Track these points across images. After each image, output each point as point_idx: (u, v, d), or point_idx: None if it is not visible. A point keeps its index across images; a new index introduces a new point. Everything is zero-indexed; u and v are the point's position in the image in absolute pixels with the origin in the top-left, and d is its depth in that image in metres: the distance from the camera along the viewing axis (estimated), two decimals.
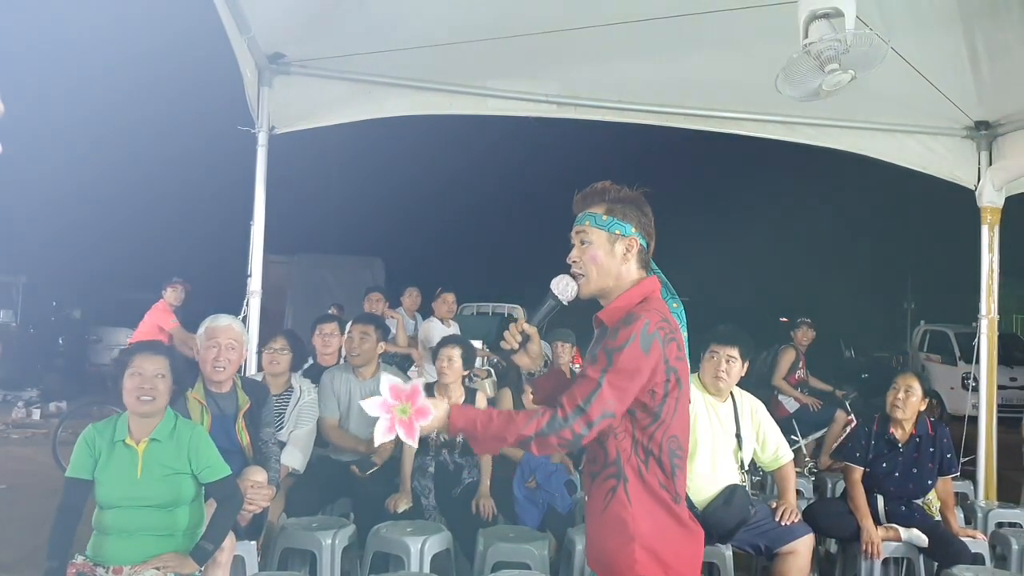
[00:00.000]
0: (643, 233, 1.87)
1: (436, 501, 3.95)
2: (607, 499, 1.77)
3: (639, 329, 1.70)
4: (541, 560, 3.35)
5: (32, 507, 5.48)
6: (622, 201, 1.87)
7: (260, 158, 4.48)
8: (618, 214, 1.86)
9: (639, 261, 1.87)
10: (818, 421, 6.50)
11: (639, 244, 1.86)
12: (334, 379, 4.22)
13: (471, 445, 1.74)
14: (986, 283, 5.15)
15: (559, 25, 3.93)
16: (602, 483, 1.78)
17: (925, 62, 4.16)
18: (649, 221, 1.89)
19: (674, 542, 1.75)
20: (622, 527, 1.74)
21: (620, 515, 1.74)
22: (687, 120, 5.13)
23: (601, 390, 1.67)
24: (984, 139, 5.13)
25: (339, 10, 3.90)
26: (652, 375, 1.71)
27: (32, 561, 4.20)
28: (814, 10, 2.98)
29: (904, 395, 3.87)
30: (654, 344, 1.71)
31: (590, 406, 1.67)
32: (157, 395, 2.71)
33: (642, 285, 1.84)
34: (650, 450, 1.75)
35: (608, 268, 1.85)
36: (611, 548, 1.76)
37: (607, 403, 1.68)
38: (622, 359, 1.69)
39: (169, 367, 2.75)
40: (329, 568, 3.37)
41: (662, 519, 1.75)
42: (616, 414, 1.70)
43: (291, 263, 13.08)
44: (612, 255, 1.84)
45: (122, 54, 19.07)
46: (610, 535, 1.76)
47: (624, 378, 1.68)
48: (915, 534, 3.78)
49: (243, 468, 3.24)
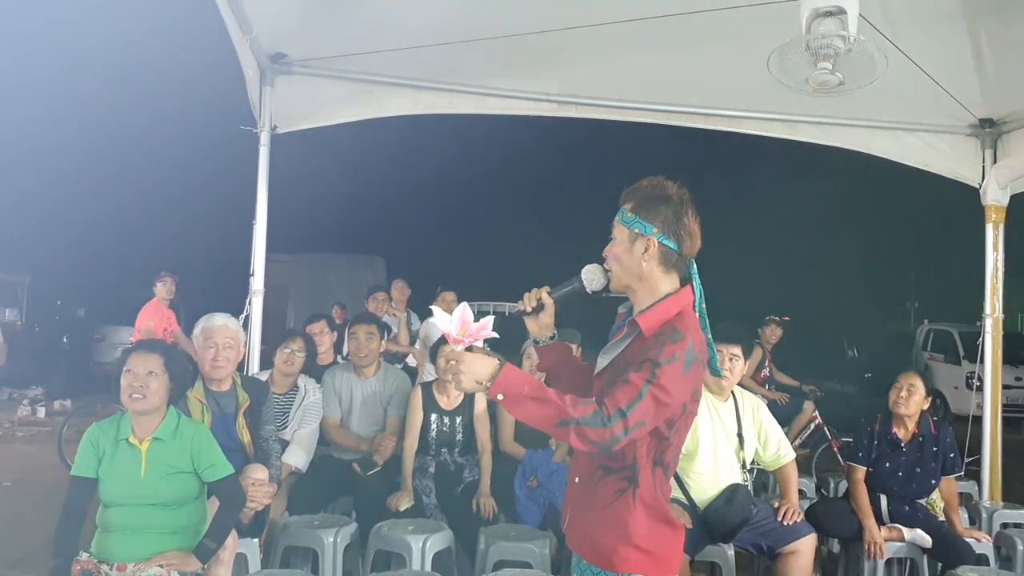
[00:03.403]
0: (668, 234, 1.80)
1: (437, 500, 3.95)
2: (614, 497, 1.79)
3: (684, 349, 1.69)
4: (542, 559, 3.35)
5: (37, 504, 5.49)
6: (650, 199, 1.82)
7: (262, 158, 4.48)
8: (642, 212, 1.81)
9: (663, 263, 1.81)
10: (787, 415, 6.78)
11: (658, 245, 1.80)
12: (335, 378, 4.22)
13: (506, 406, 1.69)
14: (990, 282, 5.13)
15: (559, 24, 3.92)
16: (613, 481, 1.80)
17: (929, 59, 4.14)
18: (680, 222, 1.80)
19: (663, 539, 1.81)
20: (622, 527, 1.77)
21: (623, 516, 1.77)
22: (688, 119, 5.12)
23: (643, 399, 1.66)
24: (988, 137, 5.10)
25: (341, 10, 3.91)
26: (682, 396, 1.73)
27: (37, 558, 4.21)
28: (816, 8, 2.97)
29: (907, 393, 3.86)
30: (694, 367, 1.71)
31: (631, 411, 1.65)
32: (148, 393, 2.69)
33: (679, 297, 1.80)
34: (661, 460, 1.78)
35: (628, 266, 1.82)
36: (607, 543, 1.80)
37: (646, 412, 1.66)
38: (666, 375, 1.67)
39: (163, 365, 2.73)
40: (331, 566, 3.37)
41: (658, 520, 1.80)
42: (649, 425, 1.69)
43: (293, 262, 13.10)
44: (631, 253, 1.82)
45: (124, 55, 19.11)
46: (608, 531, 1.79)
47: (664, 393, 1.67)
48: (918, 534, 3.76)
49: (244, 466, 3.25)
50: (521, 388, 1.66)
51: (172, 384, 2.76)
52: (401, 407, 4.15)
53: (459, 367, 1.68)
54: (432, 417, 4.07)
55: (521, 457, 4.17)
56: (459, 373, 1.68)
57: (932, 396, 3.99)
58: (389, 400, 4.20)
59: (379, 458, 3.99)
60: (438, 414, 4.09)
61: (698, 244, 1.84)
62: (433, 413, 4.08)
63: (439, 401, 4.11)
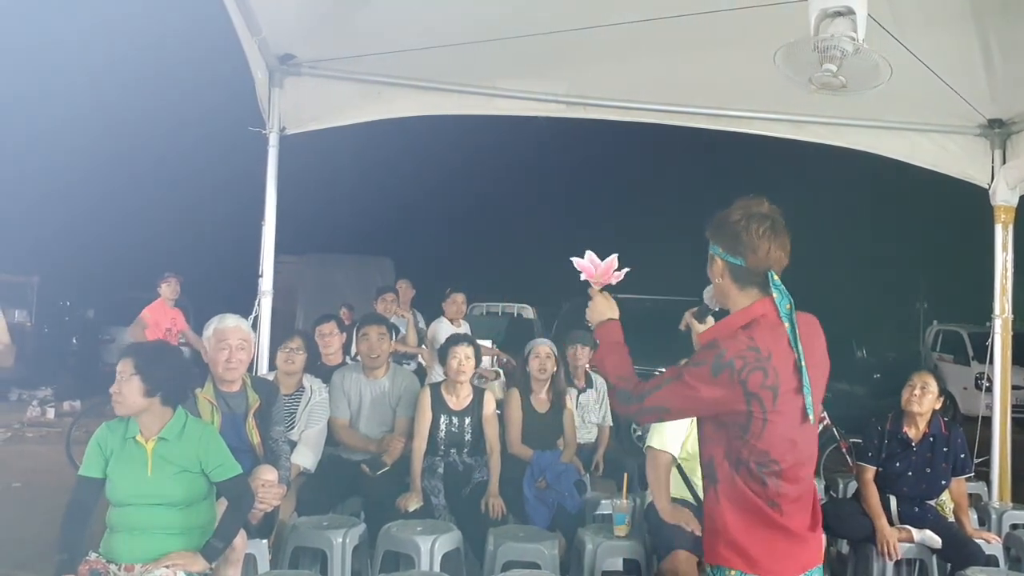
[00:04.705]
0: (730, 252, 1.95)
1: (446, 500, 3.96)
2: (706, 495, 1.99)
3: (713, 356, 1.87)
4: (551, 560, 3.36)
5: (46, 505, 5.51)
6: (718, 223, 2.00)
7: (271, 159, 4.50)
8: (713, 237, 2.01)
9: (735, 279, 1.97)
10: None
11: (724, 263, 1.97)
12: (344, 379, 4.23)
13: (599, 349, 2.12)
14: (1000, 282, 5.11)
15: (568, 25, 3.93)
16: (704, 481, 2.01)
17: (938, 59, 4.12)
18: (739, 238, 1.94)
19: (763, 540, 1.90)
20: (711, 520, 1.96)
21: (711, 511, 1.96)
22: (697, 119, 5.11)
23: (662, 389, 1.93)
24: (998, 137, 5.08)
25: (349, 11, 3.92)
26: (725, 397, 1.86)
27: (47, 558, 4.20)
28: (825, 8, 2.97)
29: (920, 392, 3.85)
30: (726, 372, 1.85)
31: (649, 396, 1.94)
32: (120, 397, 2.68)
33: (750, 309, 1.94)
34: (740, 459, 1.90)
35: (717, 287, 2.04)
36: (705, 536, 2.00)
37: (663, 400, 1.93)
38: (689, 373, 1.89)
39: (134, 367, 2.67)
40: (340, 567, 3.38)
41: (752, 519, 1.90)
42: (671, 410, 1.98)
43: (302, 263, 13.13)
44: (713, 275, 2.03)
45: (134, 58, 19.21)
46: (706, 526, 2.00)
47: (684, 387, 1.89)
48: (928, 535, 3.75)
49: (253, 467, 3.25)
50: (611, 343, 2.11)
51: (147, 385, 2.67)
52: (410, 408, 4.16)
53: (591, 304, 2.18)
54: (441, 418, 4.08)
55: (529, 458, 4.18)
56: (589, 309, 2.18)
57: (944, 396, 3.97)
58: (398, 401, 4.21)
59: (388, 459, 3.99)
60: (447, 415, 4.09)
61: (773, 258, 1.95)
62: (442, 414, 4.08)
63: (448, 402, 4.11)
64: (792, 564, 1.91)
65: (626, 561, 3.58)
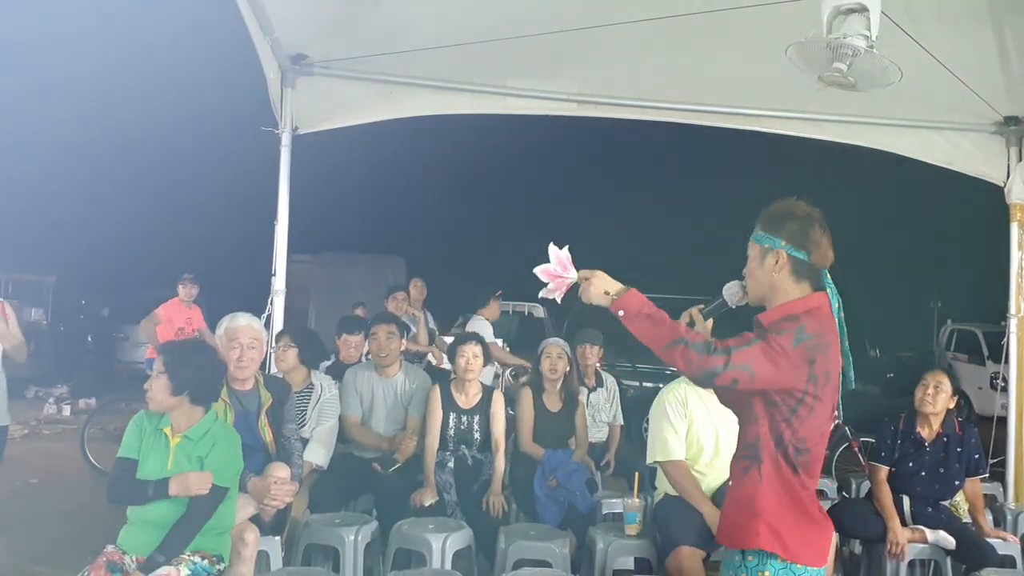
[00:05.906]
0: (795, 246, 1.95)
1: (457, 496, 3.97)
2: (743, 474, 1.94)
3: (796, 327, 1.86)
4: (562, 558, 3.36)
5: (62, 501, 5.59)
6: (776, 216, 1.99)
7: (284, 158, 4.52)
8: (770, 229, 1.99)
9: (794, 273, 1.95)
10: None
11: (787, 256, 1.95)
12: (356, 377, 4.25)
13: (625, 322, 1.89)
14: (1015, 281, 5.07)
15: (579, 24, 3.92)
16: (740, 462, 1.96)
17: (952, 57, 4.08)
18: (806, 234, 1.95)
19: (798, 526, 1.88)
20: (750, 502, 1.90)
21: (751, 491, 1.90)
22: (710, 118, 5.10)
23: (751, 347, 1.84)
24: (1014, 135, 5.04)
25: (361, 11, 3.93)
26: (794, 371, 1.84)
27: (63, 554, 4.28)
28: (838, 5, 2.95)
29: (934, 391, 3.82)
30: (804, 344, 1.84)
31: (736, 352, 1.82)
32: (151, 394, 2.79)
33: (808, 299, 1.94)
34: (782, 441, 1.88)
35: (760, 279, 2.00)
36: (739, 521, 1.92)
37: (751, 359, 1.82)
38: (775, 339, 1.84)
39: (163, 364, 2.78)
40: (352, 564, 3.40)
41: (788, 503, 1.88)
42: (754, 373, 1.82)
43: (314, 262, 13.17)
44: (763, 267, 1.99)
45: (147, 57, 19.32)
46: (740, 509, 1.93)
47: (771, 350, 1.83)
48: (942, 536, 3.72)
49: (266, 464, 3.28)
50: (640, 308, 1.89)
51: (173, 383, 2.73)
52: (421, 406, 4.17)
53: (592, 279, 1.95)
54: (450, 416, 4.09)
55: (540, 457, 4.18)
56: (590, 285, 1.95)
57: (958, 396, 3.94)
58: (410, 399, 4.22)
59: (399, 456, 4.01)
60: (456, 413, 4.10)
61: (829, 255, 1.98)
62: (451, 412, 4.10)
63: (457, 400, 4.12)
64: (819, 554, 1.90)
65: (637, 560, 3.57)
